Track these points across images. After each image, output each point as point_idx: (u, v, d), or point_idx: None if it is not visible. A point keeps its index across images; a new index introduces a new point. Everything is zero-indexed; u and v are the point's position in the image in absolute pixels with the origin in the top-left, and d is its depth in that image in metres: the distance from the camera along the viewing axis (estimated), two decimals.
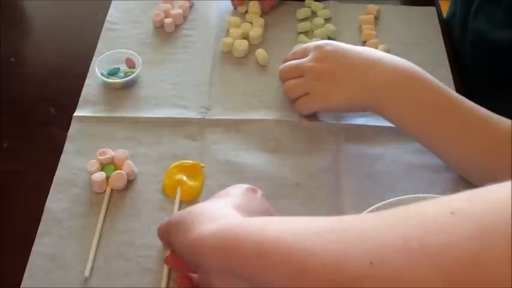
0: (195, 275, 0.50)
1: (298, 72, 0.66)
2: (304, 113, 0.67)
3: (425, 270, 0.28)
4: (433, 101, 0.58)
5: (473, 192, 0.30)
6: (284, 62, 0.69)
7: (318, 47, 0.65)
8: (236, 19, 0.78)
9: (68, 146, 0.64)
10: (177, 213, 0.51)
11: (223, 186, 0.55)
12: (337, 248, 0.33)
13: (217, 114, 0.68)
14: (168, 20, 0.77)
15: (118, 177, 0.59)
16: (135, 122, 0.67)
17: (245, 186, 0.52)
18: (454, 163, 0.59)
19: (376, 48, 0.75)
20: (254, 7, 0.80)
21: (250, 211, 0.47)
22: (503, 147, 0.53)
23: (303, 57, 0.66)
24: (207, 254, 0.41)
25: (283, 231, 0.38)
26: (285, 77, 0.68)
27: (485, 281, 0.26)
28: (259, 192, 0.53)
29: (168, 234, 0.49)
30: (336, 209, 0.59)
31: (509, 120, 0.55)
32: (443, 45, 0.76)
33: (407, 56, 0.73)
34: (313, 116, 0.67)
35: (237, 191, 0.51)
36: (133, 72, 0.70)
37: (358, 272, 0.31)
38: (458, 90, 0.70)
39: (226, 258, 0.40)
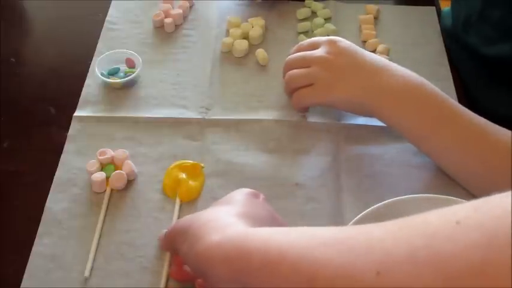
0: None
1: (305, 63, 0.65)
2: (302, 104, 0.66)
3: (431, 280, 0.28)
4: (434, 110, 0.58)
5: (478, 202, 0.30)
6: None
7: (331, 42, 0.64)
8: (236, 19, 0.78)
9: (68, 146, 0.64)
10: (181, 220, 0.50)
11: (223, 186, 0.55)
12: (346, 258, 0.33)
13: (217, 114, 0.68)
14: (168, 20, 0.77)
15: (118, 177, 0.59)
16: (135, 122, 0.66)
17: (247, 190, 0.52)
18: (453, 173, 0.59)
19: (376, 47, 0.75)
20: None
21: (253, 217, 0.47)
22: (503, 159, 0.53)
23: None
24: (213, 265, 0.41)
25: (288, 240, 0.38)
26: (290, 68, 0.66)
27: None
28: (261, 197, 0.53)
29: (173, 241, 0.49)
30: (336, 209, 0.59)
31: (509, 132, 0.55)
32: (442, 45, 0.76)
33: (406, 55, 0.74)
34: (313, 116, 0.67)
35: (239, 197, 0.50)
36: (133, 72, 0.70)
37: (366, 283, 0.31)
38: (458, 90, 0.70)
39: (232, 269, 0.40)
